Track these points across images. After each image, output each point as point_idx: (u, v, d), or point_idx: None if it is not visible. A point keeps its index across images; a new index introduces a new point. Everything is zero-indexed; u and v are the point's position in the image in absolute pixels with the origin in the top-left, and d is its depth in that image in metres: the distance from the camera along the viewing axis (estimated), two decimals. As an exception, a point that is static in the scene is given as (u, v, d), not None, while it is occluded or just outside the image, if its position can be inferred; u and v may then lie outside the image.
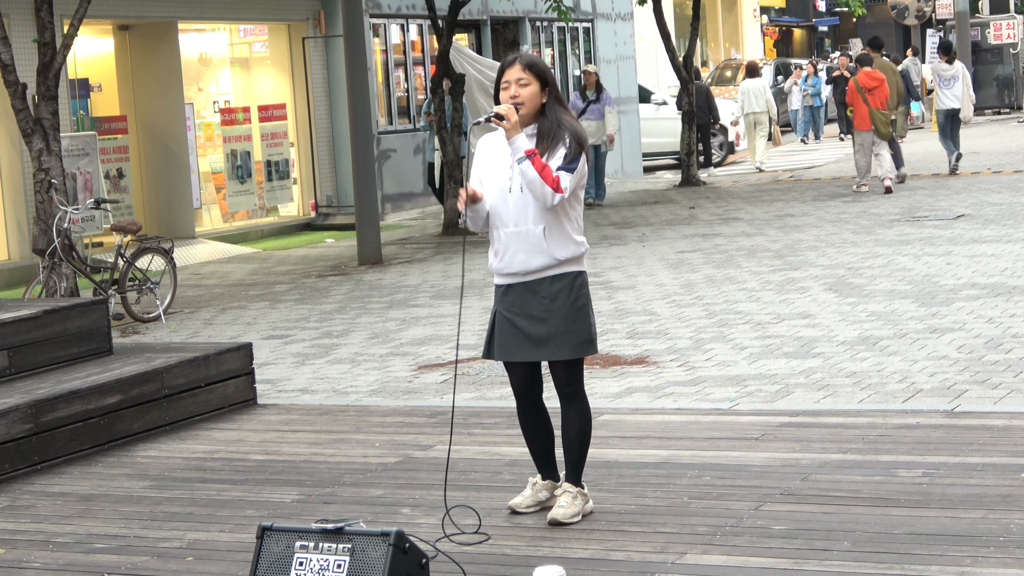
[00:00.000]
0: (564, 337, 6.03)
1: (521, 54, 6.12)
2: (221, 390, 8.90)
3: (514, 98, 5.98)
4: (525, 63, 6.04)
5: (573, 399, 6.14)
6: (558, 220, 6.01)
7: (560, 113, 6.05)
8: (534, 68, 6.03)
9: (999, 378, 8.51)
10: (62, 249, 12.74)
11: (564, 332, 6.02)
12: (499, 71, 6.09)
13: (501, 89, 6.04)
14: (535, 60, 6.10)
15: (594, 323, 6.14)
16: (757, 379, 8.97)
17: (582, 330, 6.06)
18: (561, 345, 6.03)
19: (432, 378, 9.81)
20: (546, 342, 6.03)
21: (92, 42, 19.30)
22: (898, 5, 37.86)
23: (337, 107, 21.47)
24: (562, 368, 6.09)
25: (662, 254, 15.33)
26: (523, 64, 6.03)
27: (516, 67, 6.03)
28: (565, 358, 6.05)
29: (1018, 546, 5.43)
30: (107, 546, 6.30)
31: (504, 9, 24.83)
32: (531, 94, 6.00)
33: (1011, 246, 13.86)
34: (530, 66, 6.03)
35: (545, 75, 6.05)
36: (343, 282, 15.12)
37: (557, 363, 6.09)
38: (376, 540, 5.15)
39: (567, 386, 6.12)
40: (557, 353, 6.04)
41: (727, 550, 5.65)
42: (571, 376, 6.11)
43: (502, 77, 6.05)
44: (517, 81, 6.00)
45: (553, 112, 6.04)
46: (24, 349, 8.64)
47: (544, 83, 6.04)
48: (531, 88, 6.01)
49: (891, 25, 50.71)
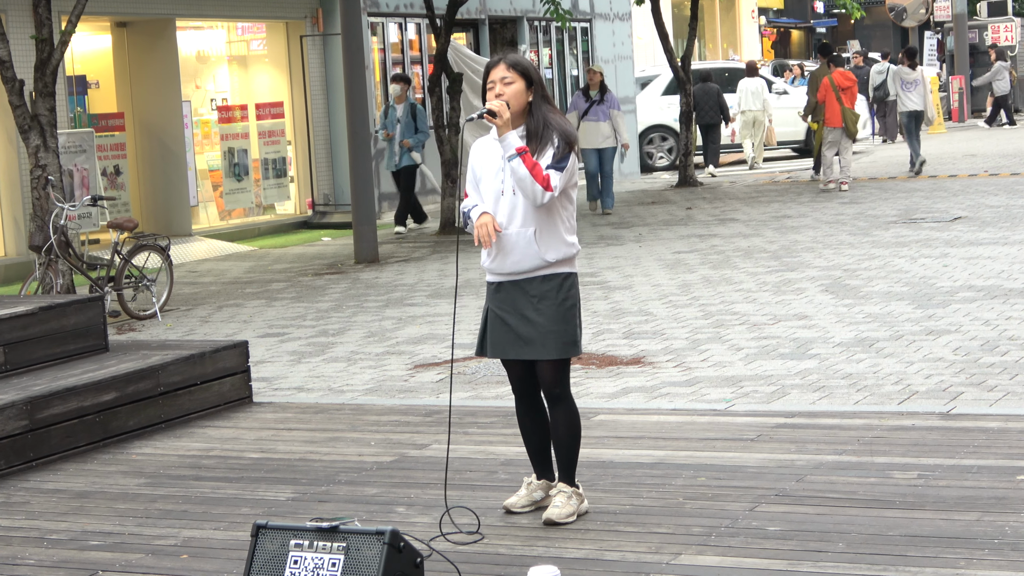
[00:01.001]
0: (550, 337, 6.04)
1: (505, 54, 6.16)
2: (217, 388, 8.90)
3: (499, 96, 6.01)
4: (509, 62, 6.07)
5: (560, 400, 6.15)
6: (550, 221, 6.03)
7: (547, 112, 6.08)
8: (518, 67, 6.06)
9: (995, 380, 8.51)
10: (58, 246, 12.73)
11: (550, 332, 6.04)
12: (484, 72, 6.12)
13: (487, 89, 6.08)
14: (519, 59, 6.13)
15: (580, 325, 6.15)
16: (753, 380, 8.97)
17: (568, 331, 6.07)
18: (547, 345, 6.05)
19: (428, 377, 9.81)
20: (533, 341, 6.05)
21: (90, 39, 19.29)
22: (896, 7, 37.87)
23: (335, 105, 21.46)
24: (548, 368, 6.10)
25: (659, 254, 15.33)
26: (507, 63, 6.06)
27: (500, 66, 6.06)
28: (550, 358, 6.06)
29: (1013, 548, 5.43)
30: (102, 543, 6.29)
31: (502, 8, 24.83)
32: (516, 92, 6.02)
33: (1008, 248, 13.87)
34: (514, 65, 6.06)
35: (529, 73, 6.07)
36: (339, 280, 15.12)
37: (543, 363, 6.10)
38: (371, 539, 5.15)
39: (553, 387, 6.13)
40: (543, 352, 6.06)
41: (722, 551, 5.65)
42: (557, 377, 6.12)
43: (487, 78, 6.09)
44: (502, 80, 6.03)
45: (540, 111, 6.07)
46: (20, 345, 8.64)
47: (529, 81, 6.06)
48: (516, 86, 6.03)
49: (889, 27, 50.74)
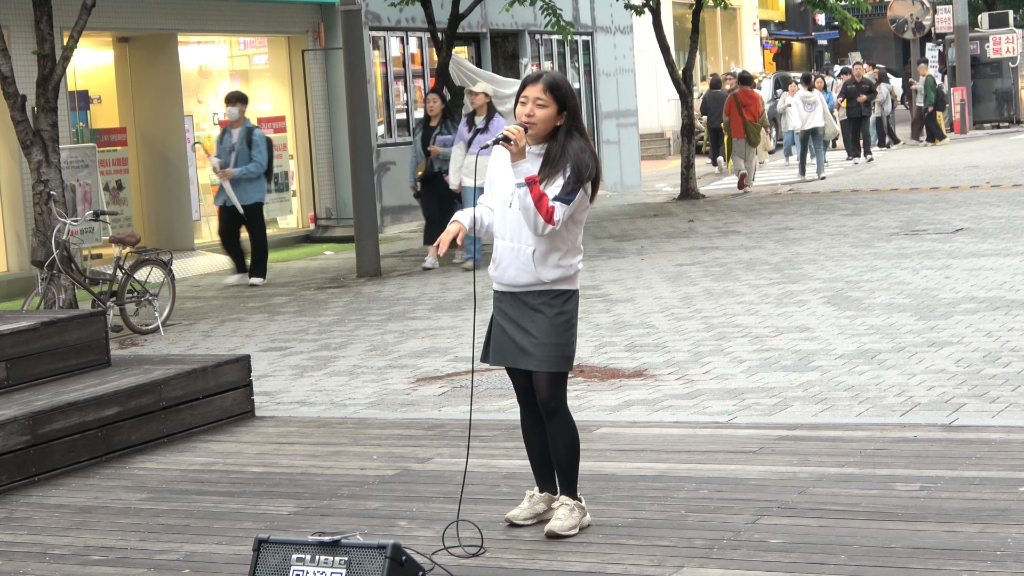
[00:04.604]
0: (545, 350, 6.05)
1: (548, 73, 6.04)
2: (219, 402, 8.90)
3: (529, 116, 5.94)
4: (547, 83, 5.95)
5: (555, 414, 6.14)
6: (551, 243, 6.02)
7: (570, 141, 5.97)
8: (555, 91, 5.95)
9: (997, 392, 8.51)
10: (61, 261, 12.74)
11: (545, 345, 6.05)
12: (523, 82, 6.05)
13: (520, 103, 5.99)
14: (559, 83, 5.99)
15: (574, 342, 6.14)
16: (755, 392, 8.97)
17: (562, 345, 6.07)
18: (542, 358, 6.06)
19: (430, 390, 9.81)
20: (529, 353, 6.07)
21: (92, 54, 19.32)
22: (898, 19, 37.90)
23: (336, 119, 21.49)
24: (544, 381, 6.10)
25: (661, 267, 15.34)
26: (545, 84, 5.95)
27: (539, 85, 5.95)
28: (544, 370, 6.07)
29: (1015, 560, 5.43)
30: (104, 558, 6.29)
31: (504, 22, 24.86)
32: (545, 116, 5.94)
33: (1010, 260, 13.86)
34: (551, 88, 5.95)
35: (565, 100, 5.96)
36: (342, 294, 15.13)
37: (539, 376, 6.11)
38: (372, 553, 5.16)
39: (548, 401, 6.12)
40: (537, 364, 6.07)
41: (724, 563, 5.65)
42: (552, 390, 6.11)
43: (523, 90, 5.99)
44: (535, 100, 5.94)
45: (563, 138, 5.97)
46: (22, 361, 8.64)
47: (562, 107, 5.97)
48: (547, 111, 5.94)
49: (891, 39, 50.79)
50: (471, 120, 16.43)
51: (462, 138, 16.38)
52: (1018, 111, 40.10)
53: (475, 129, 16.18)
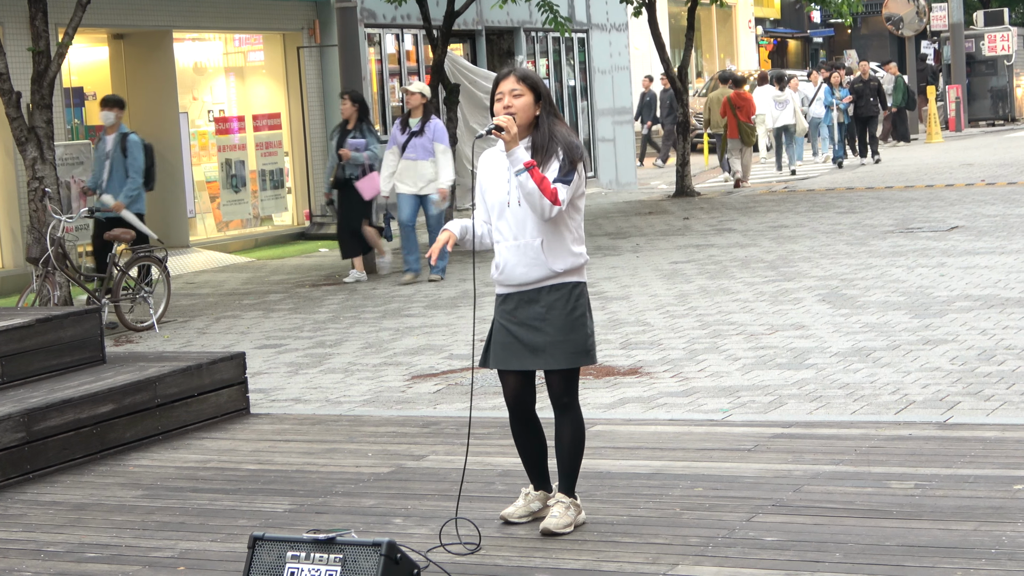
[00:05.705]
0: (560, 347, 6.05)
1: (515, 67, 6.22)
2: (214, 399, 8.90)
3: (507, 108, 6.06)
4: (519, 75, 6.13)
5: (568, 409, 6.15)
6: (557, 232, 6.06)
7: (554, 125, 6.12)
8: (527, 80, 6.12)
9: (992, 390, 8.51)
10: (56, 258, 12.73)
11: (560, 342, 6.05)
12: (494, 84, 6.17)
13: (495, 101, 6.12)
14: (528, 72, 6.19)
15: (592, 334, 6.17)
16: (750, 390, 8.97)
17: (578, 340, 6.08)
18: (557, 355, 6.06)
19: (425, 388, 9.81)
20: (542, 351, 6.06)
21: (87, 51, 19.30)
22: (893, 16, 37.92)
23: (332, 117, 21.46)
24: (558, 378, 6.12)
25: (656, 265, 15.34)
26: (517, 76, 6.12)
27: (510, 79, 6.11)
28: (560, 367, 6.08)
29: (1010, 558, 5.43)
30: (99, 555, 6.29)
31: (499, 19, 24.86)
32: (524, 104, 6.07)
33: (1004, 258, 13.87)
34: (523, 78, 6.12)
35: (538, 87, 6.13)
36: (337, 292, 15.12)
37: (553, 373, 6.11)
38: (368, 550, 5.15)
39: (562, 396, 6.13)
40: (552, 362, 6.07)
41: (719, 561, 5.65)
42: (566, 386, 6.13)
43: (496, 89, 6.13)
44: (511, 92, 6.08)
45: (547, 125, 6.11)
46: (17, 358, 8.63)
47: (537, 95, 6.11)
48: (524, 99, 6.08)
49: (886, 36, 50.79)
50: (405, 122, 15.36)
51: (396, 142, 15.26)
52: (1013, 109, 40.17)
53: (410, 131, 15.19)
